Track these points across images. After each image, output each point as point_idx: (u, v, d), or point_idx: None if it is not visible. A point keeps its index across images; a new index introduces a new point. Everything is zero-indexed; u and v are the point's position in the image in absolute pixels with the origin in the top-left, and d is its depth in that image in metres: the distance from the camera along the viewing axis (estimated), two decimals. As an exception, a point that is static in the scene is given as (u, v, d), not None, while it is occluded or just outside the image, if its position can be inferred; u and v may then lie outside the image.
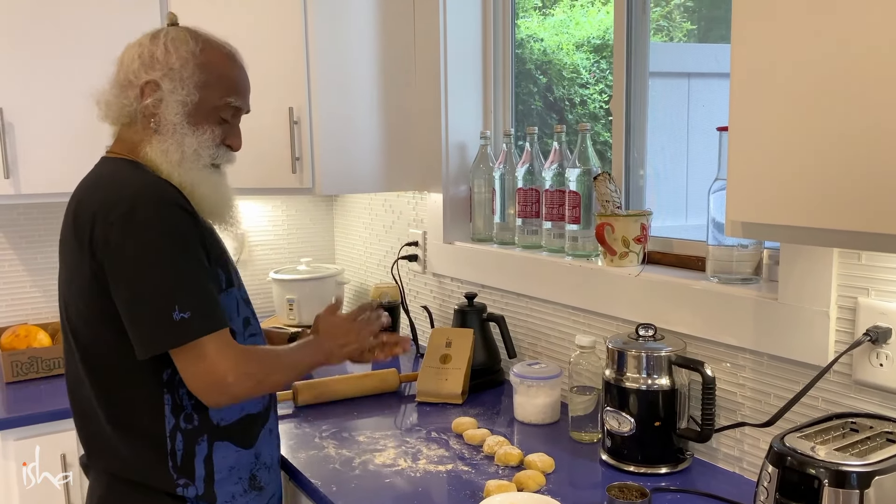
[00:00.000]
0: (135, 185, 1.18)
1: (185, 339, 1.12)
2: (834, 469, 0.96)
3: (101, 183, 1.22)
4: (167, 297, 1.12)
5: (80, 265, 1.18)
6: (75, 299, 1.21)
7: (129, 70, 1.25)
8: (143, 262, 1.12)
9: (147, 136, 1.25)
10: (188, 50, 1.25)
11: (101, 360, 1.21)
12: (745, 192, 1.01)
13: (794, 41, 0.92)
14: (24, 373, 2.05)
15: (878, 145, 0.85)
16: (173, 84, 1.23)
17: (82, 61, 2.04)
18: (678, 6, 1.85)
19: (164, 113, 1.23)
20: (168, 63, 1.23)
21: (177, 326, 1.12)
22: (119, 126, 1.29)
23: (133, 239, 1.12)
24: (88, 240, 1.15)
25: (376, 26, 2.18)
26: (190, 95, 1.24)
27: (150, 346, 1.13)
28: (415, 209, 2.39)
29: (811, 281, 1.25)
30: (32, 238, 2.35)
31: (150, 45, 1.25)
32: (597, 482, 1.38)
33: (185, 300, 1.12)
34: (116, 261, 1.13)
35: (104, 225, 1.14)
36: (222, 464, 1.25)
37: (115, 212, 1.14)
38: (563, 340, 1.84)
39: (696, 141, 1.79)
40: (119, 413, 1.21)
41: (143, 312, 1.13)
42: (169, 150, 1.23)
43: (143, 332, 1.13)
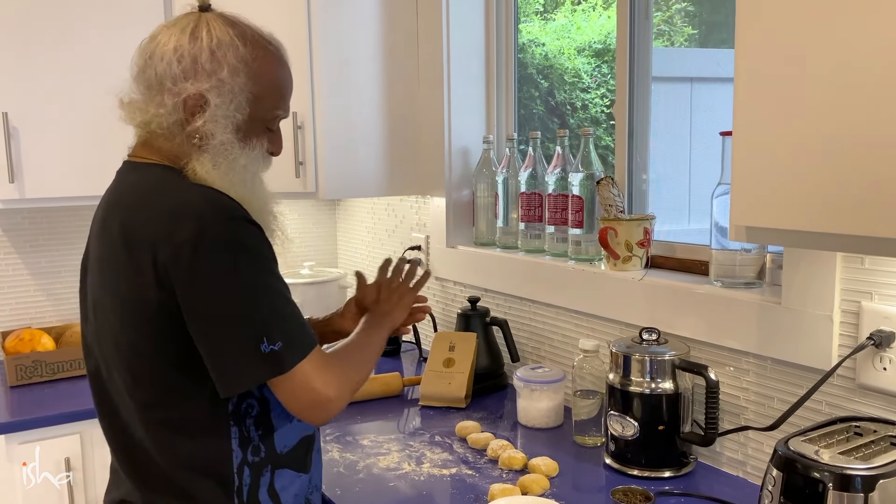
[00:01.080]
0: (193, 200, 1.04)
1: (278, 372, 1.02)
2: (838, 473, 0.96)
3: (149, 199, 1.07)
4: (253, 329, 1.01)
5: (139, 294, 1.04)
6: (128, 331, 1.07)
7: (164, 72, 1.07)
8: (221, 290, 1.00)
9: (190, 151, 1.10)
10: (238, 57, 1.09)
11: (159, 396, 1.08)
12: (748, 197, 1.01)
13: (797, 46, 0.93)
14: (29, 376, 2.06)
15: (881, 149, 0.85)
16: (222, 99, 1.08)
17: (87, 66, 2.05)
18: (679, 11, 1.86)
19: (212, 130, 1.08)
20: (216, 74, 1.07)
21: (267, 360, 1.01)
22: (146, 131, 1.13)
23: (206, 264, 1.00)
24: (152, 266, 1.01)
25: (379, 31, 2.19)
26: (240, 111, 1.10)
27: (237, 383, 1.02)
28: (418, 213, 2.39)
29: (814, 285, 1.25)
30: (36, 242, 2.36)
31: (191, 45, 1.07)
32: (601, 486, 1.38)
33: (273, 330, 1.02)
34: (190, 290, 1.00)
35: (170, 249, 1.00)
36: (286, 492, 1.16)
37: (181, 234, 1.00)
38: (567, 344, 1.84)
39: (699, 145, 1.80)
40: (179, 452, 1.09)
41: (228, 349, 1.01)
42: (220, 168, 1.10)
43: (229, 370, 1.02)
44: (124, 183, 1.14)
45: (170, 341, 1.04)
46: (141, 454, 1.12)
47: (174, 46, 1.07)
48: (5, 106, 1.97)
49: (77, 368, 2.11)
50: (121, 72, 2.06)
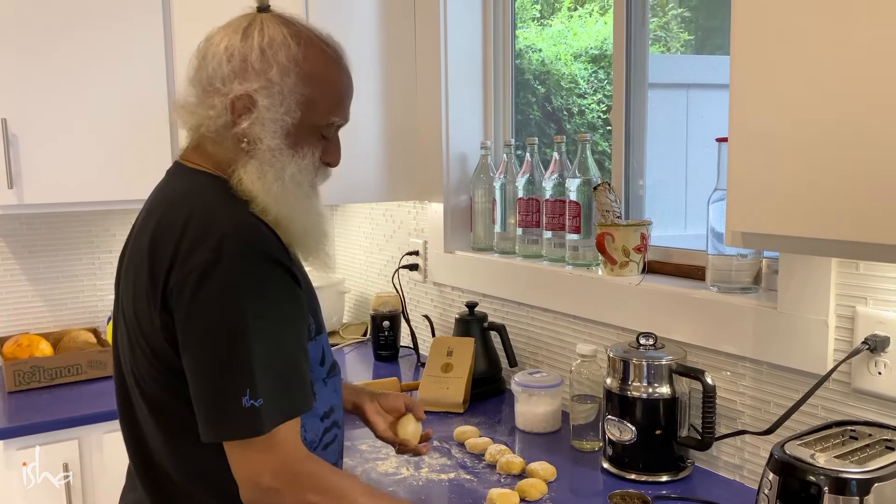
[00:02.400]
0: (222, 223, 0.98)
1: (253, 432, 0.95)
2: (834, 476, 0.97)
3: (182, 213, 1.01)
4: (240, 379, 0.94)
5: (148, 310, 1.01)
6: (142, 346, 1.03)
7: (214, 72, 1.03)
8: (219, 332, 0.95)
9: (238, 156, 1.04)
10: (289, 56, 1.03)
11: (175, 413, 1.04)
12: (744, 203, 1.02)
13: (792, 52, 0.94)
14: (27, 382, 2.05)
15: (876, 155, 0.86)
16: (271, 100, 1.02)
17: (87, 72, 2.05)
18: (675, 17, 1.87)
19: (260, 134, 1.03)
20: (266, 74, 1.02)
21: (245, 415, 0.94)
22: (198, 135, 1.08)
23: (210, 300, 0.95)
24: (163, 286, 0.98)
25: (377, 37, 2.20)
26: (290, 114, 1.04)
27: (211, 431, 0.97)
28: (415, 219, 2.40)
29: (810, 290, 1.26)
30: (35, 248, 2.36)
31: (242, 44, 1.02)
32: (598, 490, 1.39)
33: (258, 384, 0.95)
34: (188, 322, 0.96)
35: (181, 273, 0.96)
36: None
37: (197, 258, 0.95)
38: (564, 349, 1.85)
39: (695, 151, 1.81)
40: (195, 465, 1.05)
41: (210, 391, 0.96)
42: (266, 177, 1.03)
43: (207, 414, 0.97)
44: (168, 187, 1.09)
45: (175, 367, 1.01)
46: (156, 463, 1.09)
47: (225, 46, 1.03)
48: (4, 112, 1.97)
49: (75, 374, 2.11)
50: (120, 79, 2.08)
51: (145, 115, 2.13)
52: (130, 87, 2.12)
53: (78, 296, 2.42)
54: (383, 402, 1.35)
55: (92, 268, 2.44)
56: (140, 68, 2.13)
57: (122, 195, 2.12)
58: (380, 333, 2.32)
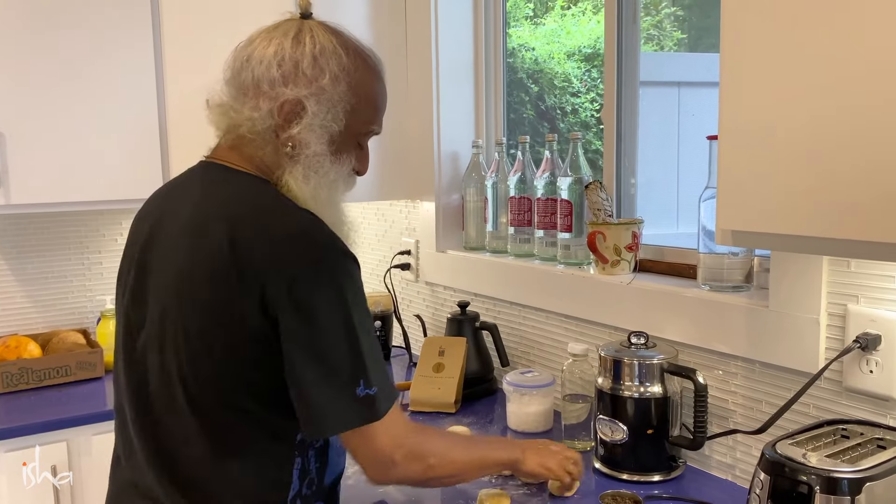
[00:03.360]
0: (308, 229, 1.00)
1: (373, 417, 1.00)
2: (825, 476, 0.96)
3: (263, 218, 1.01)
4: (355, 371, 0.99)
5: (239, 316, 0.99)
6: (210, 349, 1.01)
7: (261, 75, 1.04)
8: (332, 330, 0.98)
9: (281, 161, 1.06)
10: (340, 65, 1.06)
11: (227, 418, 1.03)
12: (734, 201, 1.02)
13: (783, 50, 0.93)
14: (15, 384, 2.04)
15: (867, 153, 0.85)
16: (320, 107, 1.05)
17: (76, 71, 2.04)
18: (668, 16, 1.87)
19: (309, 140, 1.05)
20: (318, 81, 1.04)
21: (362, 404, 0.99)
22: (234, 135, 1.08)
23: (317, 298, 0.97)
24: (260, 293, 0.97)
25: (368, 35, 2.19)
26: (337, 122, 1.07)
27: (330, 425, 1.00)
28: (407, 218, 2.39)
29: (801, 288, 1.26)
30: (23, 248, 2.34)
31: (293, 49, 1.04)
32: (590, 490, 1.38)
33: (371, 373, 1.00)
34: (297, 323, 0.97)
35: (281, 277, 0.97)
36: None
37: (297, 264, 0.97)
38: (556, 349, 1.84)
39: (687, 149, 1.81)
40: (235, 476, 1.04)
41: (327, 388, 0.98)
42: (310, 181, 1.06)
43: (324, 410, 0.98)
44: (224, 187, 1.06)
45: (254, 369, 1.01)
46: (190, 473, 1.05)
47: (275, 50, 1.05)
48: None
49: (64, 375, 2.10)
50: (109, 78, 2.07)
51: (135, 114, 2.12)
52: (120, 86, 2.10)
53: (67, 297, 2.40)
54: None
55: (81, 268, 2.42)
56: (129, 68, 2.11)
57: (111, 195, 2.10)
58: (372, 333, 2.31)
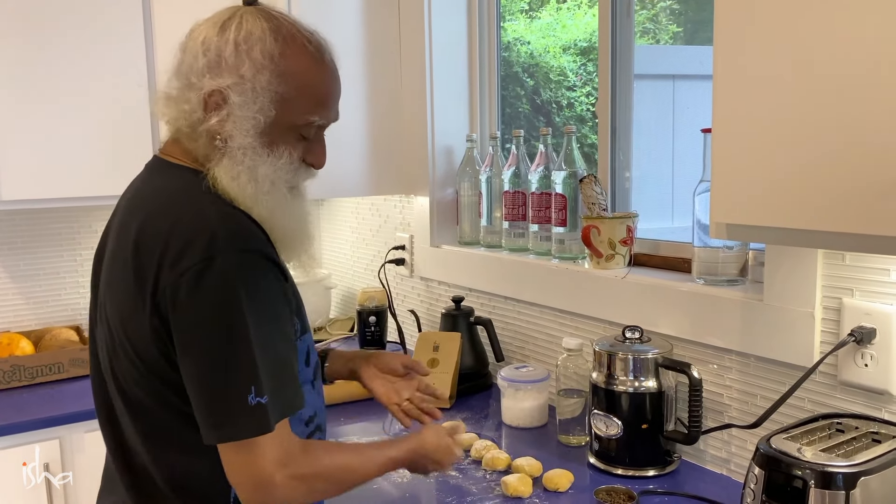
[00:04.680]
0: (211, 222, 0.95)
1: (262, 428, 0.93)
2: (820, 470, 0.96)
3: (169, 210, 0.99)
4: (245, 376, 0.93)
5: (136, 313, 0.97)
6: (125, 348, 1.00)
7: (191, 65, 1.00)
8: (219, 331, 0.93)
9: (212, 154, 1.02)
10: (264, 52, 0.99)
11: (156, 418, 1.02)
12: (728, 194, 1.01)
13: (776, 43, 0.92)
14: (7, 381, 2.03)
15: (861, 146, 0.85)
16: (243, 98, 0.99)
17: (67, 66, 2.02)
18: (664, 9, 1.86)
19: (232, 132, 1.00)
20: (238, 69, 0.99)
21: (252, 412, 0.92)
22: (175, 128, 1.05)
23: (208, 300, 0.92)
24: (152, 289, 0.95)
25: (361, 29, 2.17)
26: (263, 112, 1.01)
27: (216, 433, 0.94)
28: (402, 213, 2.38)
29: (796, 282, 1.25)
30: (14, 245, 2.32)
31: (218, 38, 0.99)
32: (585, 485, 1.38)
33: (264, 381, 0.93)
34: (186, 324, 0.94)
35: (173, 275, 0.93)
36: None
37: (187, 260, 0.93)
38: (551, 343, 1.83)
39: (682, 143, 1.80)
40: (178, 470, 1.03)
41: (215, 393, 0.93)
42: (240, 177, 1.01)
43: (213, 417, 0.94)
44: (151, 182, 1.06)
45: (169, 367, 0.98)
46: (138, 466, 1.06)
47: (202, 39, 1.00)
48: (-19, 106, 1.94)
49: (57, 373, 2.08)
50: (101, 73, 2.05)
51: (126, 109, 2.10)
52: (111, 81, 2.09)
53: (59, 293, 2.38)
54: (378, 362, 1.33)
55: (73, 265, 2.40)
56: (120, 62, 2.10)
57: (103, 191, 2.08)
58: (366, 329, 2.30)
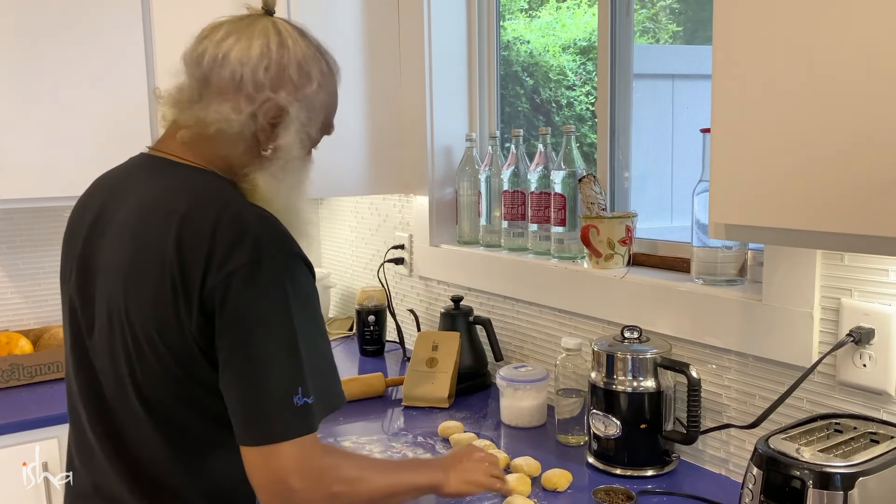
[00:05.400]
0: (255, 224, 0.97)
1: (306, 428, 0.94)
2: (818, 470, 0.96)
3: (207, 212, 0.98)
4: (293, 377, 0.93)
5: (177, 313, 0.96)
6: (158, 350, 0.98)
7: (248, 76, 1.02)
8: (267, 331, 0.94)
9: (252, 160, 1.05)
10: (321, 72, 1.07)
11: (188, 424, 1.02)
12: (727, 194, 1.01)
13: (776, 43, 0.92)
14: (6, 380, 2.02)
15: (860, 146, 0.85)
16: (303, 113, 1.06)
17: (67, 64, 2.02)
18: (664, 8, 1.86)
19: (286, 143, 1.05)
20: (304, 88, 1.05)
21: (298, 413, 0.93)
22: (195, 132, 1.05)
23: (256, 300, 0.93)
24: (199, 288, 0.94)
25: (361, 28, 2.17)
26: (314, 127, 1.10)
27: (262, 433, 0.93)
28: (401, 212, 2.38)
29: (795, 282, 1.25)
30: (13, 243, 2.32)
31: (279, 52, 1.03)
32: (583, 485, 1.38)
33: (310, 381, 0.94)
34: (233, 324, 0.94)
35: (221, 274, 0.93)
36: None
37: (236, 260, 0.93)
38: (550, 343, 1.83)
39: (681, 142, 1.80)
40: (203, 479, 1.03)
41: (263, 393, 0.93)
42: (283, 181, 1.07)
43: (258, 417, 0.93)
44: (172, 184, 1.03)
45: (204, 366, 0.98)
46: (155, 474, 1.03)
47: (260, 52, 1.02)
48: (-20, 105, 1.94)
49: (56, 372, 2.08)
50: (100, 72, 2.05)
51: (126, 108, 2.10)
52: (110, 80, 2.08)
53: (58, 292, 2.36)
54: None
55: (72, 263, 2.40)
56: (120, 61, 2.09)
57: (102, 189, 2.08)
58: (365, 328, 2.30)
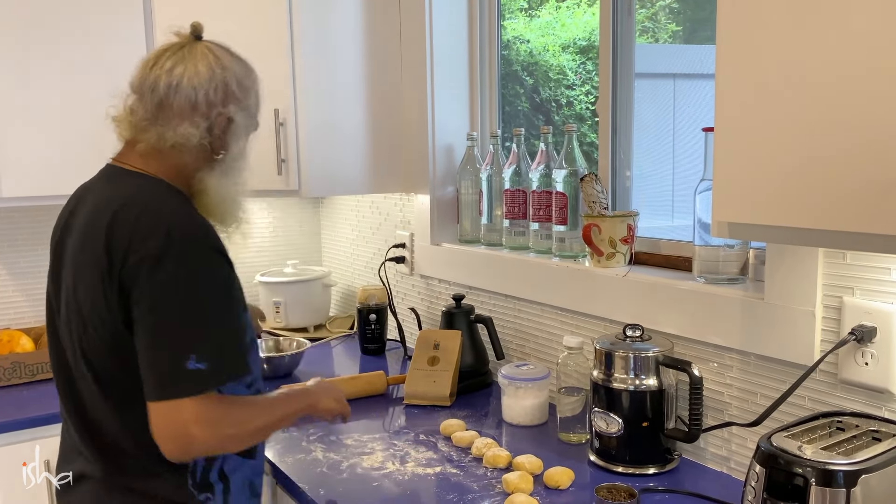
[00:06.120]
0: (174, 215, 1.15)
1: (198, 389, 1.08)
2: (821, 468, 0.96)
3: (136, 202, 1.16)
4: (186, 344, 1.09)
5: (103, 290, 1.13)
6: (95, 323, 1.15)
7: (200, 100, 1.21)
8: (170, 304, 1.09)
9: (202, 164, 1.25)
10: (252, 82, 1.30)
11: (123, 384, 1.16)
12: (730, 193, 1.01)
13: (779, 43, 0.93)
14: (7, 378, 2.03)
15: (863, 145, 0.85)
16: (245, 120, 1.28)
17: (67, 63, 2.02)
18: (663, 8, 1.86)
19: (233, 146, 1.27)
20: (245, 99, 1.27)
21: (190, 376, 1.08)
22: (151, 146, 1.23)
23: (163, 278, 1.09)
24: (120, 267, 1.11)
25: (362, 27, 2.17)
26: (252, 129, 1.32)
27: (156, 391, 1.09)
28: (402, 211, 2.38)
29: (797, 280, 1.26)
30: (15, 242, 2.32)
31: (222, 73, 1.23)
32: (585, 483, 1.38)
33: (203, 350, 1.09)
34: (141, 296, 1.10)
35: (136, 256, 1.10)
36: (235, 475, 1.26)
37: (150, 244, 1.10)
38: (551, 341, 1.84)
39: (682, 141, 1.80)
40: (142, 435, 1.14)
41: (159, 356, 1.09)
42: (228, 174, 1.28)
43: (154, 377, 1.09)
44: (120, 190, 1.20)
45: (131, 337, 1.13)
46: (104, 433, 1.20)
47: (208, 76, 1.22)
48: (-19, 103, 1.94)
49: (57, 369, 2.08)
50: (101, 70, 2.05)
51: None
52: (111, 78, 2.07)
53: (60, 290, 2.38)
54: None
55: (74, 262, 2.40)
56: (120, 60, 2.09)
57: (103, 188, 2.09)
58: (366, 327, 2.30)
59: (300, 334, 2.40)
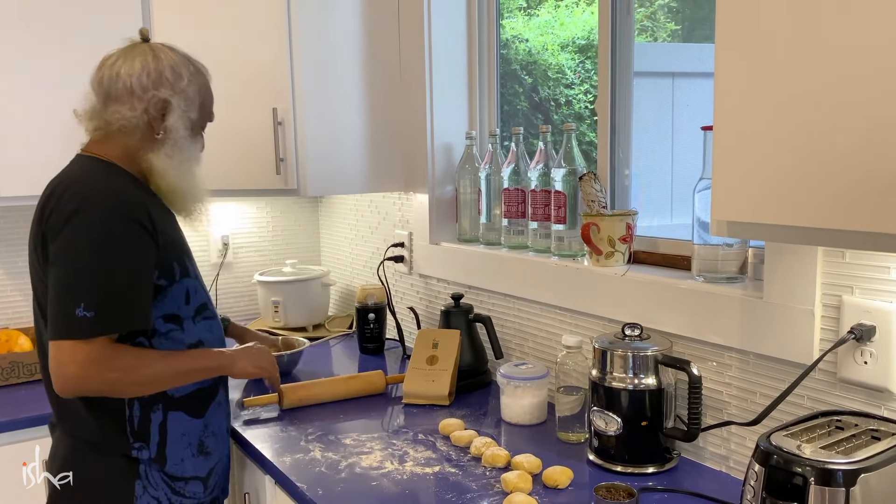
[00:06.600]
0: (94, 184, 1.34)
1: (83, 334, 1.24)
2: (820, 467, 0.96)
3: (72, 179, 1.35)
4: (77, 294, 1.24)
5: (37, 251, 1.35)
6: (35, 282, 1.38)
7: (135, 83, 1.39)
8: (68, 258, 1.27)
9: (147, 144, 1.42)
10: (189, 72, 1.45)
11: None
12: (729, 192, 1.01)
13: (778, 41, 0.92)
14: (6, 378, 2.02)
15: (861, 143, 0.85)
16: (181, 102, 1.43)
17: (65, 64, 2.01)
18: (662, 7, 1.86)
19: (175, 126, 1.42)
20: (178, 84, 1.42)
21: (78, 322, 1.24)
22: (104, 132, 1.42)
23: (70, 235, 1.27)
24: (44, 231, 1.31)
25: (361, 26, 2.17)
26: (193, 112, 1.46)
27: (52, 333, 1.26)
28: (401, 210, 2.38)
29: (796, 279, 1.26)
30: (12, 241, 2.32)
31: (154, 62, 1.41)
32: (584, 482, 1.38)
33: (92, 301, 1.24)
34: (53, 251, 1.29)
35: (53, 218, 1.30)
36: (175, 430, 1.41)
37: (69, 206, 1.28)
38: (550, 341, 1.83)
39: (681, 140, 1.80)
40: None
41: (55, 303, 1.26)
42: (173, 158, 1.43)
43: (51, 321, 1.26)
44: (65, 170, 1.41)
45: None
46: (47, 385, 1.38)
47: (142, 65, 1.40)
48: (-21, 102, 1.93)
49: (55, 369, 2.08)
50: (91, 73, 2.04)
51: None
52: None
53: (58, 290, 2.37)
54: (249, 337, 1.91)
55: (72, 261, 2.40)
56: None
57: (101, 187, 2.08)
58: (365, 326, 2.30)
59: (299, 333, 2.40)
